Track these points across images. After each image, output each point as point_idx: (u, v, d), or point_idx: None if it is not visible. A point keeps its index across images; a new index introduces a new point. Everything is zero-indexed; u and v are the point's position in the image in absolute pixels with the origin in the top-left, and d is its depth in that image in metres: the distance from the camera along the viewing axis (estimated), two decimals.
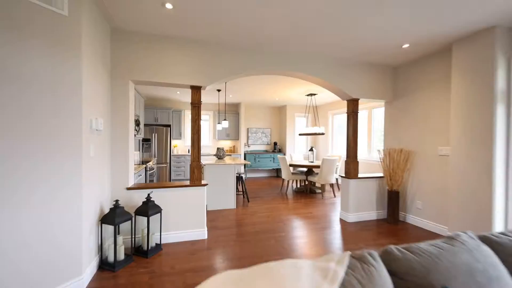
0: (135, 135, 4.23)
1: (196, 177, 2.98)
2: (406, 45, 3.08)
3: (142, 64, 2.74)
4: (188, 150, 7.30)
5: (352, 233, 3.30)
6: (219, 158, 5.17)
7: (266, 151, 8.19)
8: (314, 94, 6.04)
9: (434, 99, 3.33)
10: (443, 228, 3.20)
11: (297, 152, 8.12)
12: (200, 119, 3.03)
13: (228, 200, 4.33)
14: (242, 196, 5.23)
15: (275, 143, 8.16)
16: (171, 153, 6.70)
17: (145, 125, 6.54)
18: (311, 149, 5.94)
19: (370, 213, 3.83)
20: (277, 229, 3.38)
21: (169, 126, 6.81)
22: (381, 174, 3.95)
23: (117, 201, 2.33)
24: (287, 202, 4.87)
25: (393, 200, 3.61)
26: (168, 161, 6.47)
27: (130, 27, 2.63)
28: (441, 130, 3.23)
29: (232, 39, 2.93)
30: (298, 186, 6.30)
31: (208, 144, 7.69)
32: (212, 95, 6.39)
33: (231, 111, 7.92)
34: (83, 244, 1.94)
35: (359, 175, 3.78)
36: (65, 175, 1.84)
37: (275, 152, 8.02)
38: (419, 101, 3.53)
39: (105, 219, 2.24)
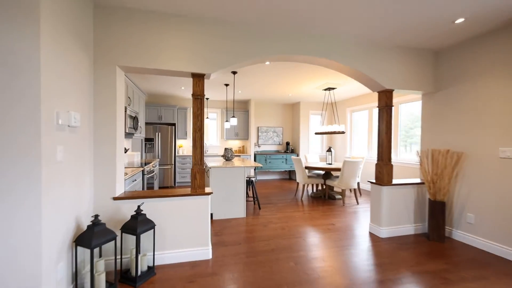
0: (133, 133, 3.78)
1: (198, 183, 2.47)
2: (460, 20, 2.44)
3: (133, 47, 2.24)
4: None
5: (388, 252, 2.69)
6: (227, 160, 4.65)
7: (278, 152, 7.62)
8: (333, 88, 5.42)
9: (493, 88, 2.67)
10: (505, 249, 2.54)
11: (311, 153, 7.50)
12: (203, 114, 2.51)
13: (237, 208, 3.81)
14: (252, 202, 4.69)
15: (287, 143, 7.58)
16: (176, 154, 6.25)
17: (147, 123, 6.12)
18: (329, 150, 5.32)
19: (407, 227, 3.20)
20: (295, 246, 2.81)
21: (173, 124, 6.37)
22: (418, 180, 3.31)
23: (96, 216, 1.84)
24: (303, 209, 4.29)
25: (437, 212, 2.97)
26: (172, 162, 6.03)
27: (118, 2, 2.14)
28: (504, 127, 2.57)
29: (242, 18, 2.40)
30: (315, 190, 5.70)
31: (215, 144, 7.20)
32: (220, 91, 5.89)
33: (240, 108, 7.40)
34: (43, 274, 1.45)
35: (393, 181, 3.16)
36: (14, 186, 1.36)
37: (287, 152, 7.44)
38: (472, 92, 2.87)
39: (80, 240, 1.75)
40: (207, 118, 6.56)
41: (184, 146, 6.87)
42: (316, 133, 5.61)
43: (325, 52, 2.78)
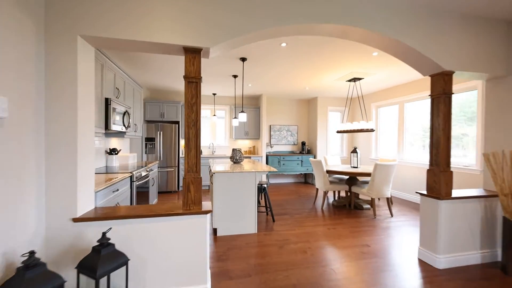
0: (123, 132, 3.20)
1: (193, 198, 1.81)
2: None
3: (103, 11, 1.62)
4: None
5: None
6: (235, 162, 4.00)
7: (292, 153, 6.89)
8: (359, 79, 4.64)
9: None
10: None
11: (330, 154, 6.71)
12: (200, 103, 1.85)
13: (246, 221, 3.14)
14: (265, 213, 4.01)
15: (303, 143, 6.83)
16: (180, 155, 5.67)
17: (149, 121, 5.58)
18: (354, 151, 4.55)
19: (472, 255, 2.40)
20: (323, 280, 2.10)
21: (177, 123, 5.80)
22: (481, 191, 2.51)
23: (31, 254, 1.22)
24: (327, 223, 3.55)
25: None
26: (176, 164, 5.45)
27: None
28: None
29: None
30: (337, 198, 4.94)
31: (223, 144, 6.57)
32: (228, 85, 5.24)
33: (251, 104, 6.73)
34: None
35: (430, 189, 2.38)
36: None
37: (303, 153, 6.70)
38: None
39: None
40: (214, 115, 5.94)
41: None
42: (338, 132, 4.85)
43: (364, 19, 2.05)
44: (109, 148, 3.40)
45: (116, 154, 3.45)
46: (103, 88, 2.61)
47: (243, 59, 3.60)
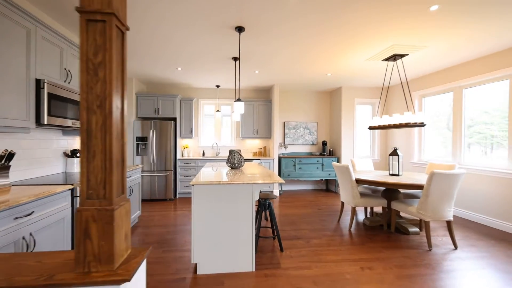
0: (70, 126, 2.43)
1: (96, 252, 0.90)
2: None
3: None
4: (203, 152, 5.41)
5: None
6: (232, 168, 3.08)
7: (311, 155, 5.81)
8: (402, 56, 3.48)
9: None
10: None
11: (358, 156, 5.54)
12: (112, 64, 0.94)
13: (239, 254, 2.19)
14: (272, 237, 3.03)
15: (323, 143, 5.72)
16: (177, 157, 4.87)
17: (142, 118, 4.86)
18: (394, 153, 3.40)
19: None
20: None
21: (174, 119, 5.02)
22: None
23: None
24: (359, 257, 2.48)
25: None
26: (172, 167, 4.66)
27: None
28: None
29: None
30: (369, 214, 3.83)
31: (229, 144, 5.69)
32: (232, 73, 4.34)
33: (260, 98, 5.77)
34: None
35: None
36: None
37: (324, 155, 5.59)
38: None
39: None
40: (218, 111, 5.07)
41: (191, 147, 5.49)
42: (370, 128, 3.72)
43: None
44: (70, 150, 2.66)
45: (76, 156, 2.70)
46: (30, 66, 1.83)
47: (240, 29, 2.65)
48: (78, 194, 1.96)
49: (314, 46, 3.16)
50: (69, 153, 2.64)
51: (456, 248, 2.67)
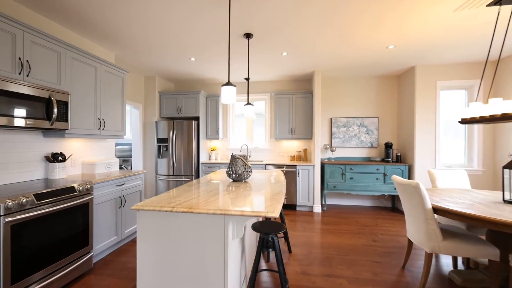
0: (57, 129, 2.05)
1: None
2: None
3: None
4: (232, 155, 4.74)
5: None
6: (234, 180, 2.26)
7: (369, 160, 4.40)
8: None
9: None
10: None
11: (442, 165, 3.83)
12: None
13: None
14: None
15: (387, 145, 4.22)
16: (200, 160, 4.36)
17: (167, 118, 4.56)
18: (510, 165, 1.87)
19: None
20: None
21: (196, 119, 4.54)
22: None
23: None
24: None
25: None
26: (192, 172, 4.16)
27: None
28: None
29: None
30: (461, 265, 2.36)
31: (263, 146, 4.84)
32: (265, 63, 3.51)
33: (298, 89, 4.71)
34: None
35: None
36: None
37: (387, 162, 4.11)
38: None
39: None
40: (249, 104, 4.31)
41: (219, 149, 4.92)
42: (464, 122, 2.23)
43: None
44: (51, 153, 2.38)
45: (63, 161, 2.40)
46: None
47: None
48: (1, 213, 1.52)
49: (376, 5, 2.01)
50: (51, 157, 2.36)
51: None
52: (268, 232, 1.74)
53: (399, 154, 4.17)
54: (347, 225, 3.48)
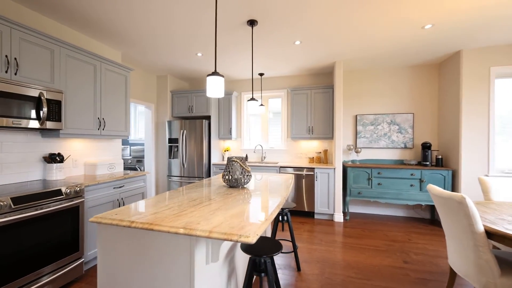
0: (41, 128, 1.98)
1: None
2: None
3: None
4: (246, 156, 4.49)
5: None
6: (231, 187, 1.98)
7: (402, 163, 3.81)
8: None
9: None
10: None
11: (497, 171, 3.11)
12: None
13: None
14: None
15: (425, 146, 3.58)
16: (211, 161, 4.16)
17: (179, 118, 4.46)
18: None
19: None
20: None
21: (208, 118, 4.35)
22: None
23: None
24: None
25: None
26: (203, 174, 3.98)
27: None
28: None
29: None
30: None
31: (279, 146, 4.48)
32: (279, 58, 3.19)
33: (316, 83, 4.25)
34: None
35: None
36: None
37: (424, 165, 3.48)
38: None
39: None
40: (262, 105, 4.00)
41: (233, 149, 4.69)
42: None
43: None
44: (49, 153, 2.34)
45: (61, 161, 2.34)
46: None
47: None
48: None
49: None
50: (48, 158, 2.32)
51: None
52: (259, 253, 1.41)
53: (440, 157, 3.50)
54: (372, 239, 2.97)
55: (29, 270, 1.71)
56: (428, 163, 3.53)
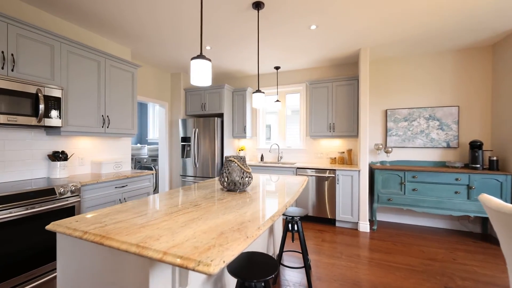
0: (36, 125, 1.93)
1: None
2: None
3: None
4: (262, 156, 4.21)
5: None
6: (229, 190, 1.73)
7: (444, 166, 3.23)
8: None
9: None
10: None
11: None
12: None
13: None
14: None
15: (474, 145, 2.96)
16: (223, 160, 3.96)
17: (193, 116, 4.35)
18: None
19: None
20: None
21: (220, 115, 4.16)
22: None
23: None
24: None
25: None
26: (215, 174, 3.80)
27: None
28: None
29: None
30: None
31: (297, 146, 4.12)
32: (293, 48, 2.88)
33: (339, 75, 3.79)
34: None
35: None
36: None
37: (473, 168, 2.88)
38: None
39: None
40: (278, 101, 3.68)
41: (248, 149, 4.44)
42: None
43: None
44: (53, 151, 2.32)
45: (65, 159, 2.31)
46: None
47: None
48: None
49: None
50: (52, 156, 2.29)
51: None
52: (247, 276, 1.13)
53: (494, 159, 2.86)
54: (405, 256, 2.49)
55: (20, 272, 1.64)
56: (478, 165, 2.90)
